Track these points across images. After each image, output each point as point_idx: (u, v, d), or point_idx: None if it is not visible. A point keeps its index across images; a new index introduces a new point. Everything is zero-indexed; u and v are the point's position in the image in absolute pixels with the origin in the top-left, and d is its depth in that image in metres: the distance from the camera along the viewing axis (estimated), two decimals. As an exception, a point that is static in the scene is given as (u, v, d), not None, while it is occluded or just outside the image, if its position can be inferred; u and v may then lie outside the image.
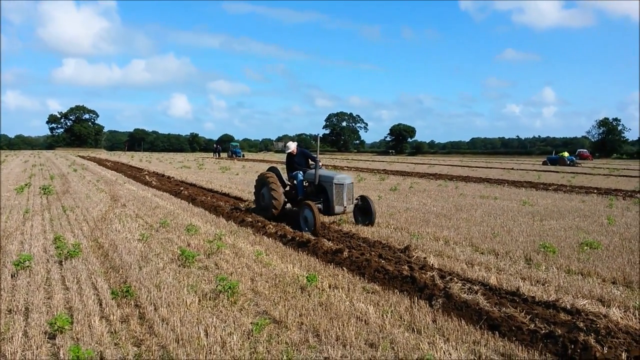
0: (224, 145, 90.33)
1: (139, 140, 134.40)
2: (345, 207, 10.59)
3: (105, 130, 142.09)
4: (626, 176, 32.62)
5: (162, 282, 6.43)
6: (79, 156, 61.69)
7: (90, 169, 32.25)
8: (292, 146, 11.87)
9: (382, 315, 5.39)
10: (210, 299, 5.89)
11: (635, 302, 5.80)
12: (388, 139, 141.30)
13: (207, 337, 4.78)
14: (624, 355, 4.36)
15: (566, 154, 55.22)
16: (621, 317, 5.38)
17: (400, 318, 5.39)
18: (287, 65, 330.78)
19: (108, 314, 5.42)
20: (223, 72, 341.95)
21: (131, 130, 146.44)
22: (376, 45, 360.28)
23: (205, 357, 4.41)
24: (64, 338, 4.76)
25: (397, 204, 14.54)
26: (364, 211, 11.09)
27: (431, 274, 6.64)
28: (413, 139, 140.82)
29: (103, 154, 77.11)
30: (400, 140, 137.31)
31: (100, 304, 5.75)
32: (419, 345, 4.65)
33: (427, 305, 5.73)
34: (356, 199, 11.10)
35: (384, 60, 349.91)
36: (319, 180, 10.79)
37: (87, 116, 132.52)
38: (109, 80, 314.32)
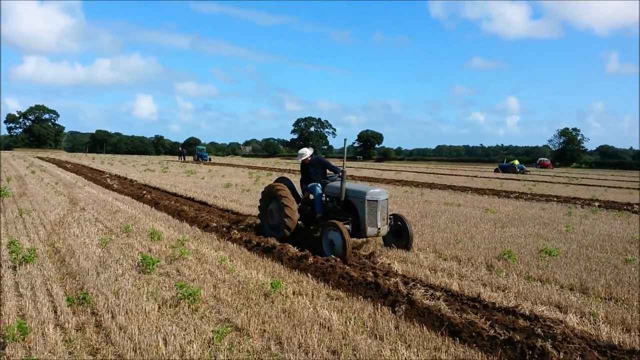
0: (190, 149, 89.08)
1: (101, 142, 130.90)
2: (379, 228, 8.65)
3: (65, 130, 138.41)
4: (585, 185, 33.78)
5: (120, 289, 6.25)
6: (38, 157, 59.72)
7: (49, 171, 31.25)
8: (307, 153, 9.91)
9: (345, 322, 5.38)
10: (170, 307, 5.75)
11: (591, 309, 5.96)
12: (356, 144, 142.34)
13: (165, 346, 4.66)
14: (579, 360, 4.47)
15: (516, 162, 57.74)
16: (577, 323, 5.53)
17: (363, 324, 5.39)
18: (256, 68, 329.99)
19: (63, 321, 5.23)
20: (190, 73, 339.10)
21: (93, 131, 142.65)
22: (346, 50, 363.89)
23: (164, 366, 4.30)
24: (16, 347, 4.56)
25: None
26: (398, 232, 9.25)
27: (395, 280, 6.68)
28: (380, 145, 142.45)
29: (63, 156, 74.89)
30: (368, 146, 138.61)
31: (55, 312, 5.55)
32: (381, 351, 4.65)
33: (390, 312, 5.76)
34: (390, 218, 9.22)
35: (354, 65, 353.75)
36: (346, 195, 8.91)
37: (47, 116, 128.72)
38: (71, 79, 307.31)
